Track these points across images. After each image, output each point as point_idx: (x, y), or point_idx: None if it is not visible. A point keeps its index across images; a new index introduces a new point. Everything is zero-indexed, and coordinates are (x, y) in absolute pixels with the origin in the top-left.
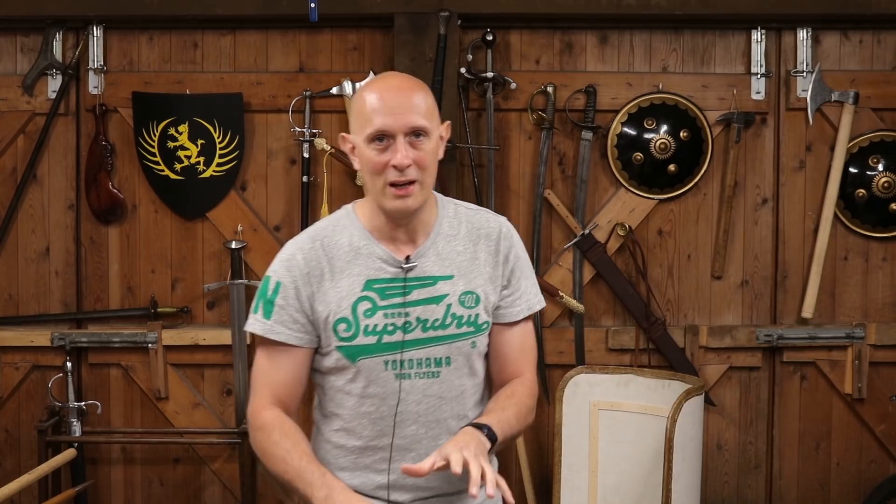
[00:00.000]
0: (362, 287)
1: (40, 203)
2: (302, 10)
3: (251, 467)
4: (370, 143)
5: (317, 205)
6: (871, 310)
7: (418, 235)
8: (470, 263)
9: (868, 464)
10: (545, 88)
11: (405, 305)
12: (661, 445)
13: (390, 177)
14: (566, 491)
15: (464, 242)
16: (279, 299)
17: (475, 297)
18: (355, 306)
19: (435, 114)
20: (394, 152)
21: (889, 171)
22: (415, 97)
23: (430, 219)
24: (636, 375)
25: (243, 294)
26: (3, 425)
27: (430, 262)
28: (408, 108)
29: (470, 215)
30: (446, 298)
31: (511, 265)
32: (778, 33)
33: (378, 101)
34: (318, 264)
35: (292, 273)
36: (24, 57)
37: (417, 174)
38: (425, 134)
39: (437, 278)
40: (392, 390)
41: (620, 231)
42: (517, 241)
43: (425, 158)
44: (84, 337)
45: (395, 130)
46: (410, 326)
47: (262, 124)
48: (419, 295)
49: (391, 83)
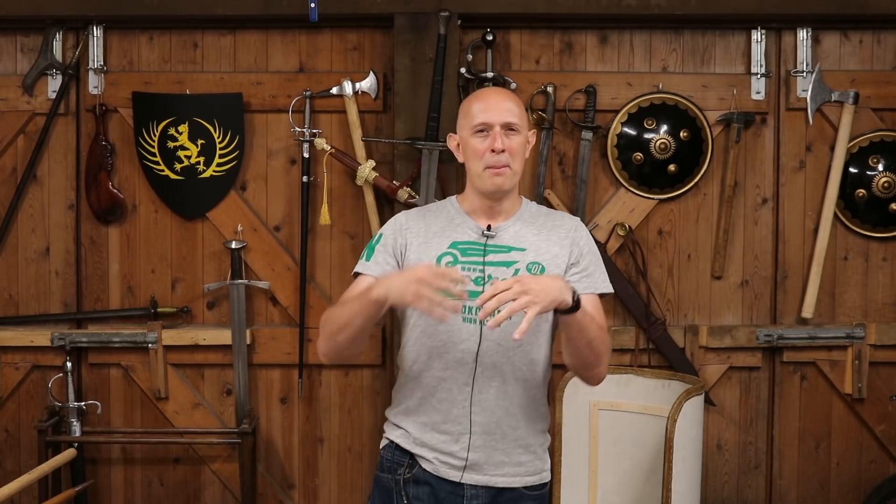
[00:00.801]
0: (448, 245)
1: (40, 203)
2: (302, 10)
3: (251, 467)
4: (474, 135)
5: (317, 205)
6: (871, 310)
7: (502, 217)
8: (541, 242)
9: (868, 464)
10: (545, 88)
11: (482, 264)
12: (661, 445)
13: (489, 160)
14: (566, 491)
15: (539, 228)
16: (379, 246)
17: (541, 266)
18: (440, 258)
19: (524, 119)
20: (493, 139)
21: (889, 171)
22: (508, 101)
23: (513, 208)
24: (636, 375)
25: (243, 294)
26: (3, 425)
27: (507, 235)
28: (503, 108)
29: (548, 212)
30: (516, 264)
31: (579, 251)
32: (778, 33)
33: (482, 103)
34: (416, 224)
35: (393, 227)
36: (24, 57)
37: (509, 159)
38: (516, 131)
39: (512, 248)
40: (458, 329)
41: (620, 231)
42: (586, 235)
43: (516, 148)
44: (84, 337)
45: (494, 122)
46: (482, 281)
47: (262, 124)
48: (494, 258)
49: (492, 91)
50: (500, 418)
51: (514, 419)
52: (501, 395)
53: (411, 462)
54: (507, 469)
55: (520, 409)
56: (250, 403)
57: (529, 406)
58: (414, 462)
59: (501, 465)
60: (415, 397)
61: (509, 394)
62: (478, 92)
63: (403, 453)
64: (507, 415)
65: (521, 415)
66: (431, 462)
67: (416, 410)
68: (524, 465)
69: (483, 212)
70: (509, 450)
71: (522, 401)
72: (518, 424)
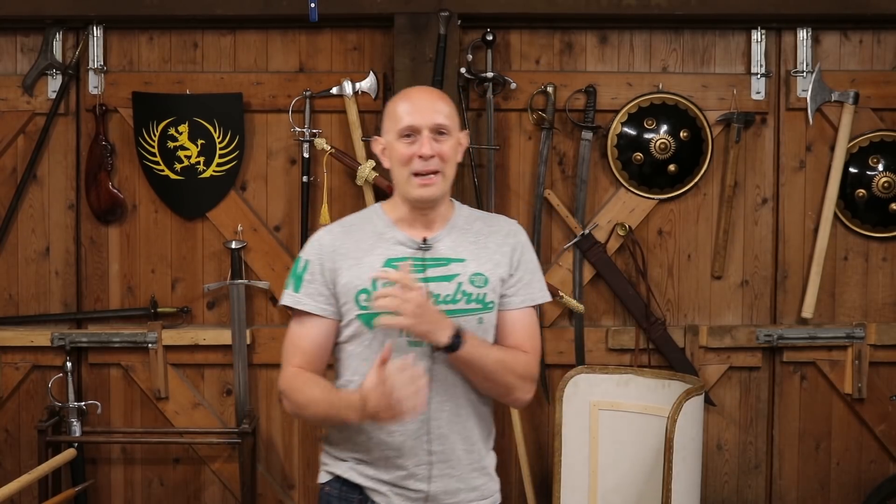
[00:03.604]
0: (382, 264)
1: (40, 203)
2: (302, 10)
3: (251, 467)
4: (400, 139)
5: (317, 205)
6: (871, 310)
7: (435, 226)
8: (480, 251)
9: (868, 464)
10: (545, 88)
11: (422, 281)
12: (661, 445)
13: (416, 167)
14: (566, 491)
15: (476, 235)
16: (307, 275)
17: (484, 278)
18: (375, 280)
19: (455, 119)
20: (420, 145)
21: (889, 171)
22: (438, 102)
23: (447, 214)
24: (636, 375)
25: (243, 294)
26: (3, 425)
27: (444, 246)
28: (432, 109)
29: (484, 216)
30: (458, 277)
31: (518, 258)
32: (778, 33)
33: (408, 104)
34: (343, 244)
35: (318, 252)
36: (24, 57)
37: (439, 165)
38: (446, 132)
39: (451, 260)
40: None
41: (620, 231)
42: (525, 240)
43: (446, 152)
44: (84, 337)
45: (421, 126)
46: None
47: (262, 124)
48: (433, 273)
49: (419, 90)
50: (454, 443)
51: (469, 442)
52: (454, 419)
53: (362, 497)
54: (463, 496)
55: (474, 430)
56: (250, 403)
57: (480, 424)
58: (365, 497)
59: (457, 492)
60: (362, 430)
61: (462, 416)
62: (403, 91)
63: (352, 488)
64: (461, 439)
65: (475, 436)
66: (386, 496)
67: (365, 444)
68: (479, 490)
69: (414, 221)
70: (465, 475)
71: (474, 420)
72: (473, 447)
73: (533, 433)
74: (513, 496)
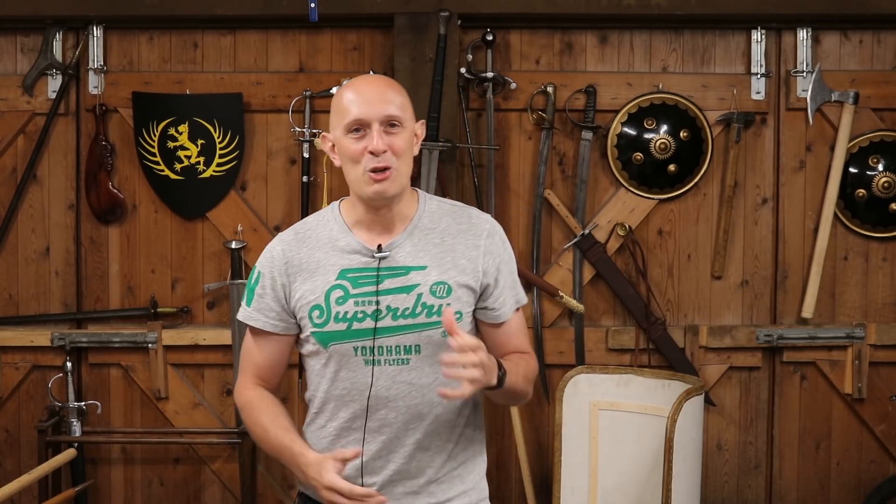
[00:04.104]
0: (336, 276)
1: (40, 203)
2: (302, 10)
3: (251, 467)
4: (348, 134)
5: (317, 205)
6: (871, 310)
7: (395, 227)
8: (445, 255)
9: (868, 464)
10: (545, 88)
11: (377, 294)
12: (661, 445)
13: (367, 163)
14: (566, 491)
15: (442, 235)
16: (258, 288)
17: (447, 287)
18: (328, 294)
19: (408, 109)
20: (370, 140)
21: (889, 171)
22: (388, 91)
23: (408, 212)
24: (636, 375)
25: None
26: (3, 425)
27: (403, 252)
28: (382, 99)
29: (453, 211)
30: (417, 288)
31: (496, 264)
32: (778, 33)
33: (354, 94)
34: (296, 255)
35: (271, 264)
36: (24, 57)
37: (393, 160)
38: (399, 124)
39: (410, 268)
40: (362, 375)
41: (620, 231)
42: (499, 240)
43: (400, 146)
44: (84, 337)
45: (371, 119)
46: (381, 314)
47: (262, 124)
48: (391, 284)
49: (366, 79)
50: (421, 461)
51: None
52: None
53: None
54: None
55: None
56: None
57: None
58: None
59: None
60: (322, 447)
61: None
62: (350, 82)
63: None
64: (430, 454)
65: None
66: None
67: None
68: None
69: (371, 224)
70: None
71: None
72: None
73: (533, 433)
74: (513, 496)
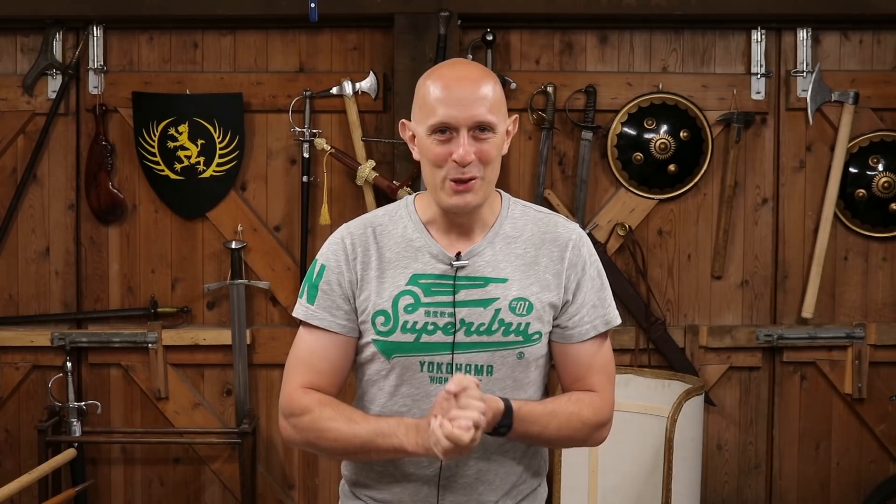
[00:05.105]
0: (407, 281)
1: (40, 203)
2: (302, 10)
3: (251, 467)
4: (432, 135)
5: (317, 205)
6: (871, 310)
7: (475, 233)
8: (528, 268)
9: (868, 464)
10: (545, 88)
11: (452, 305)
12: (661, 445)
13: (451, 172)
14: (566, 491)
15: (525, 245)
16: (323, 283)
17: (528, 304)
18: (397, 300)
19: (502, 107)
20: (456, 146)
21: (889, 171)
22: (482, 88)
23: (490, 217)
24: (636, 375)
25: (243, 294)
26: (3, 425)
27: (483, 261)
28: (474, 101)
29: (539, 218)
30: (496, 303)
31: (577, 279)
32: (778, 33)
33: (443, 91)
34: (366, 251)
35: (338, 257)
36: (24, 57)
37: (479, 170)
38: (490, 129)
39: (489, 280)
40: (425, 393)
41: (620, 231)
42: (587, 252)
43: (489, 153)
44: (84, 337)
45: (460, 123)
46: (453, 328)
47: (262, 124)
48: (467, 296)
49: (459, 72)
50: (482, 494)
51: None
52: (486, 473)
53: None
54: None
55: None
56: (250, 403)
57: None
58: None
59: None
60: (375, 469)
61: (496, 467)
62: (438, 69)
63: None
64: (491, 487)
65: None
66: None
67: (376, 484)
68: None
69: (449, 226)
70: None
71: (518, 470)
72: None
73: None
74: None
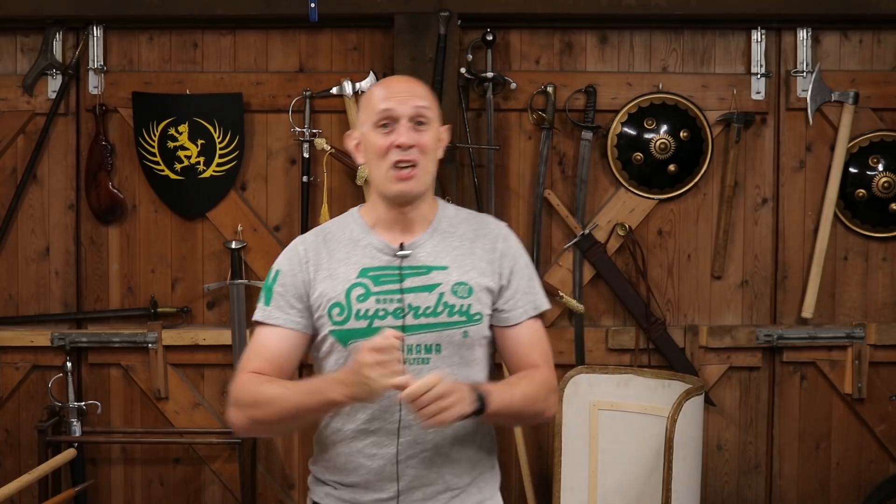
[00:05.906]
0: (357, 274)
1: (40, 203)
2: (302, 10)
3: (251, 467)
4: (376, 129)
5: (317, 205)
6: (871, 310)
7: (416, 228)
8: (465, 257)
9: (868, 464)
10: (545, 88)
11: (399, 292)
12: (661, 445)
13: (393, 157)
14: (566, 491)
15: (461, 239)
16: (277, 286)
17: (468, 287)
18: (349, 292)
19: (436, 111)
20: (398, 134)
21: (889, 171)
22: (418, 88)
23: (429, 215)
24: (636, 375)
25: (243, 294)
26: (3, 425)
27: (425, 252)
28: (412, 95)
29: (469, 218)
30: (439, 287)
31: (510, 266)
32: (778, 33)
33: (385, 90)
34: (317, 254)
35: (291, 262)
36: (24, 57)
37: (419, 156)
38: (427, 122)
39: (431, 268)
40: None
41: (620, 231)
42: (516, 244)
43: (427, 143)
44: (84, 337)
45: (400, 114)
46: (402, 312)
47: (262, 124)
48: (413, 283)
49: (398, 78)
50: (441, 468)
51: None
52: (443, 446)
53: None
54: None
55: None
56: None
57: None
58: None
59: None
60: (340, 452)
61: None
62: (381, 80)
63: None
64: (449, 461)
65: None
66: None
67: (343, 467)
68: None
69: (392, 223)
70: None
71: (473, 445)
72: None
73: (533, 433)
74: (513, 496)
